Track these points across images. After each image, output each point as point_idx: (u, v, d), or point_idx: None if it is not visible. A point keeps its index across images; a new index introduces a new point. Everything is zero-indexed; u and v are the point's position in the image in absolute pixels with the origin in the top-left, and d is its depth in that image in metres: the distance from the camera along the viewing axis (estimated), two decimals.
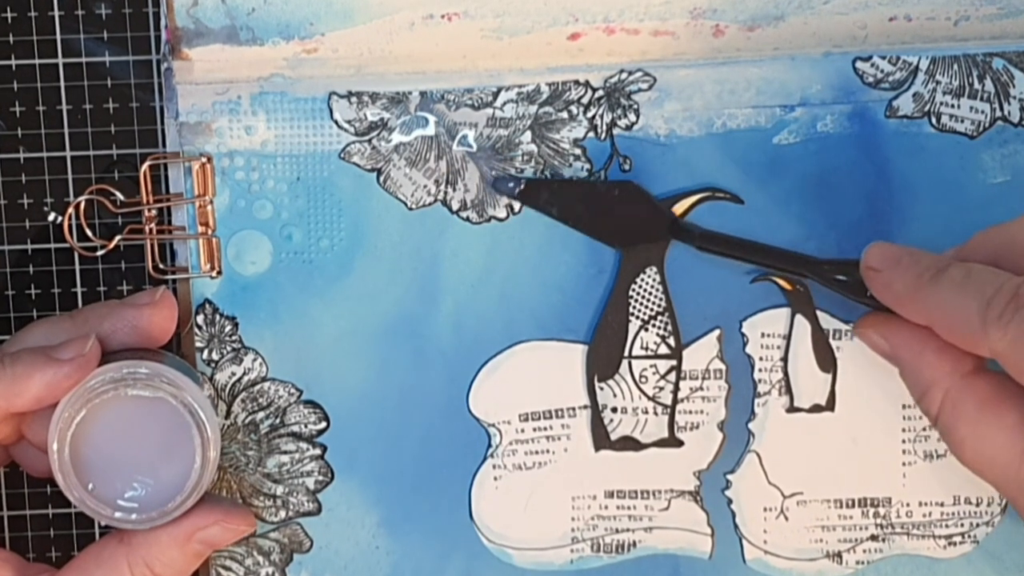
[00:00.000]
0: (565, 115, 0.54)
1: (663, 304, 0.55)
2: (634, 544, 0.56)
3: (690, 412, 0.55)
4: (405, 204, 0.54)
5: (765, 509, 0.56)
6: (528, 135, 0.54)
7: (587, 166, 0.54)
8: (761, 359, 0.55)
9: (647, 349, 0.55)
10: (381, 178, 0.54)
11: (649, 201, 0.53)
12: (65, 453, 0.48)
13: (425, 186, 0.54)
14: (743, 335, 0.55)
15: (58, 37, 0.55)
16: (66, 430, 0.48)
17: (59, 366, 0.48)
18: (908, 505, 0.56)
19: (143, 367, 0.49)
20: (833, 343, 0.55)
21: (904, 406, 0.55)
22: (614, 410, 0.55)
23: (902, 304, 0.49)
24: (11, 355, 0.49)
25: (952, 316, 0.47)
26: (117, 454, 0.49)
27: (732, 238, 0.53)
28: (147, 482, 0.49)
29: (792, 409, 0.55)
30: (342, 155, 0.54)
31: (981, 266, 0.47)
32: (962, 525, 0.56)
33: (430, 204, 0.54)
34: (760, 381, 0.55)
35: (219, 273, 0.54)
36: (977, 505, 0.55)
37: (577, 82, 0.54)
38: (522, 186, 0.53)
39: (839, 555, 0.56)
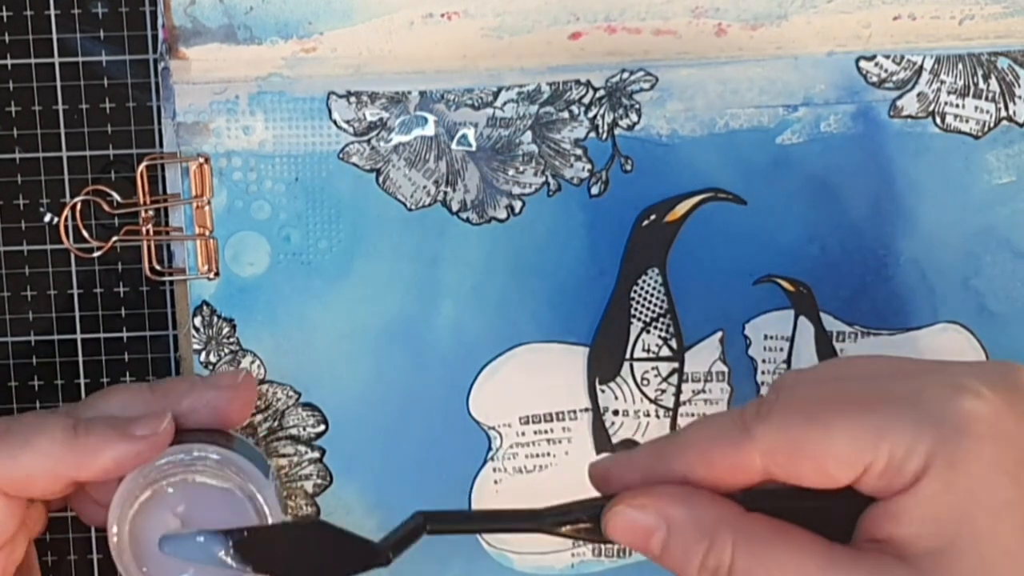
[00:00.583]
0: (566, 115, 0.54)
1: (665, 306, 0.55)
2: None
3: (692, 415, 0.55)
4: (404, 205, 0.54)
5: None
6: (529, 135, 0.54)
7: (588, 166, 0.54)
8: (764, 361, 0.55)
9: (649, 351, 0.55)
10: (380, 179, 0.54)
11: (342, 535, 0.46)
12: (125, 532, 0.48)
13: (424, 187, 0.54)
14: (746, 337, 0.55)
15: (54, 36, 0.55)
16: (128, 508, 0.48)
17: (132, 442, 0.48)
18: None
19: (214, 452, 0.48)
20: (836, 345, 0.55)
21: None
22: (615, 413, 0.55)
23: (652, 472, 0.43)
24: (85, 424, 0.48)
25: (707, 445, 0.42)
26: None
27: (459, 513, 0.49)
28: (203, 571, 0.48)
29: None
30: (341, 155, 0.54)
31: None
32: None
33: (430, 205, 0.54)
34: (763, 384, 0.55)
35: (217, 274, 0.54)
36: None
37: (578, 82, 0.54)
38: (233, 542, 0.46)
39: None
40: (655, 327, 0.55)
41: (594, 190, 0.54)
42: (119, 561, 0.48)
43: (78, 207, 0.54)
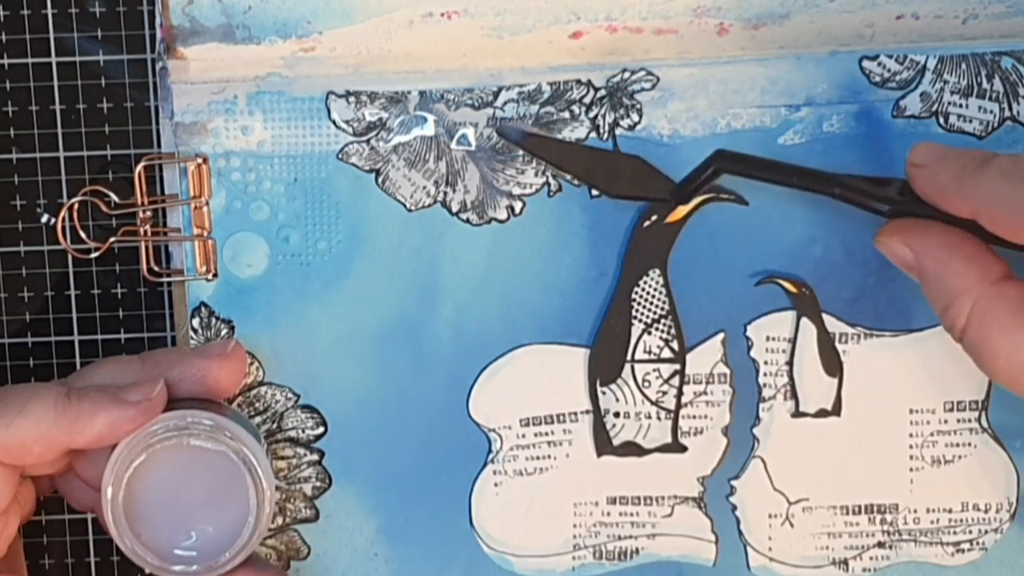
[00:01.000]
0: (567, 115, 0.54)
1: (666, 307, 0.55)
2: (637, 551, 0.56)
3: (694, 417, 0.55)
4: (404, 205, 0.54)
5: (770, 516, 0.56)
6: None
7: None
8: (766, 363, 0.55)
9: (650, 353, 0.55)
10: (380, 179, 0.54)
11: (655, 172, 0.52)
12: (119, 497, 0.48)
13: (424, 187, 0.54)
14: (748, 339, 0.55)
15: (51, 35, 0.55)
16: (123, 473, 0.48)
17: (125, 408, 0.48)
18: (915, 512, 0.55)
19: (206, 418, 0.49)
20: (839, 347, 0.55)
21: (911, 411, 0.55)
22: (616, 415, 0.55)
23: (946, 197, 0.47)
24: (78, 391, 0.49)
25: (998, 203, 0.45)
26: (171, 503, 0.49)
27: (757, 158, 0.51)
28: (199, 533, 0.49)
29: (797, 414, 0.55)
30: (340, 156, 0.54)
31: None
32: (970, 532, 0.55)
33: (429, 205, 0.54)
34: (765, 385, 0.55)
35: (215, 276, 0.54)
36: (985, 512, 0.55)
37: (579, 81, 0.53)
38: (524, 136, 0.52)
39: (845, 562, 0.56)
40: (656, 328, 0.55)
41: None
42: (114, 525, 0.48)
43: (75, 208, 0.54)
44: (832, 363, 0.55)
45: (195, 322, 0.54)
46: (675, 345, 0.55)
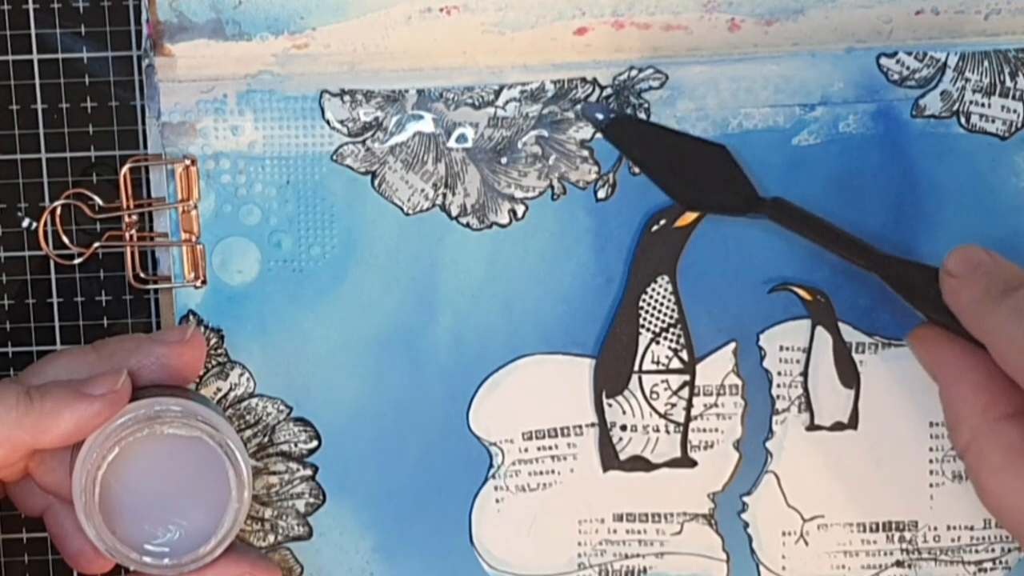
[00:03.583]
0: (571, 115, 0.53)
1: (675, 315, 0.54)
2: (645, 570, 0.55)
3: (704, 430, 0.55)
4: (401, 209, 0.54)
5: (784, 533, 0.55)
6: (532, 136, 0.54)
7: (595, 169, 0.54)
8: (779, 374, 0.55)
9: (658, 363, 0.54)
10: (376, 181, 0.54)
11: (735, 170, 0.52)
12: (95, 496, 0.48)
13: (422, 190, 0.54)
14: (760, 348, 0.54)
15: (32, 32, 0.54)
16: (95, 471, 0.48)
17: (90, 402, 0.48)
18: (936, 529, 0.55)
19: (175, 404, 0.49)
20: (856, 357, 0.54)
21: (931, 424, 0.55)
22: (623, 428, 0.55)
23: (963, 316, 0.48)
24: (39, 389, 0.49)
25: (1004, 343, 0.46)
26: (148, 496, 0.49)
27: (810, 216, 0.52)
28: (179, 525, 0.49)
29: (812, 427, 0.55)
30: (334, 157, 0.53)
31: None
32: (993, 550, 0.55)
33: (428, 209, 0.54)
34: (778, 397, 0.55)
35: (203, 282, 0.54)
36: None
37: (584, 80, 0.53)
38: (611, 117, 0.52)
39: None
40: (665, 338, 0.54)
41: (601, 193, 0.54)
42: (91, 528, 0.49)
43: (58, 211, 0.54)
44: (849, 374, 0.54)
45: None
46: (684, 355, 0.54)
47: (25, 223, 0.55)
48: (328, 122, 0.53)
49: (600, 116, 0.52)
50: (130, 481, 0.49)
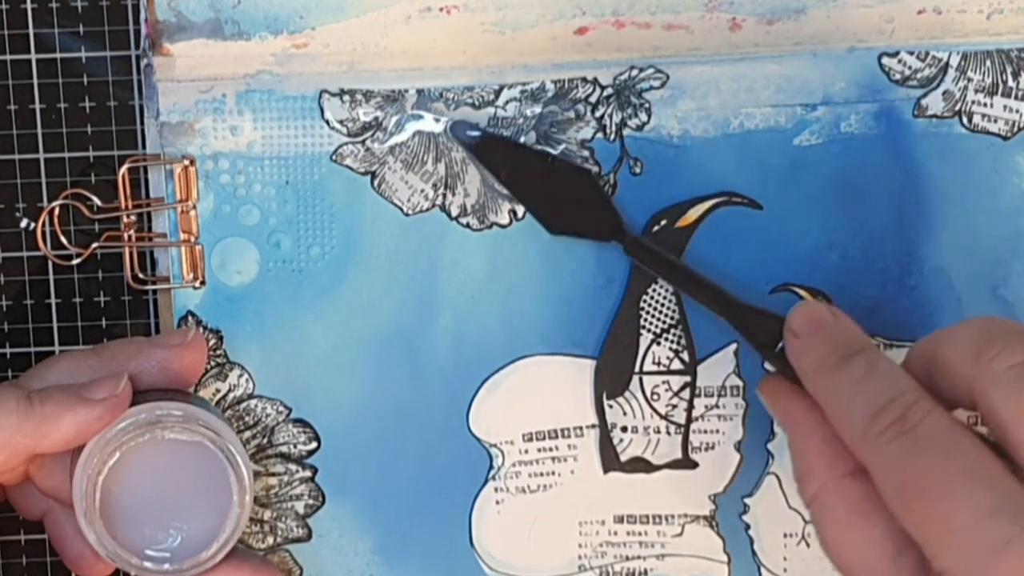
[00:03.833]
0: (572, 115, 0.53)
1: (676, 316, 0.54)
2: (645, 572, 0.55)
3: (705, 431, 0.55)
4: (401, 209, 0.53)
5: (785, 535, 0.55)
6: (532, 136, 0.53)
7: (595, 168, 0.54)
8: None
9: (659, 364, 0.54)
10: (375, 182, 0.53)
11: (601, 198, 0.52)
12: (95, 500, 0.48)
13: (422, 190, 0.53)
14: None
15: (31, 31, 0.54)
16: (96, 475, 0.48)
17: (91, 407, 0.48)
18: None
19: (176, 408, 0.49)
20: None
21: None
22: (624, 429, 0.54)
23: (803, 378, 0.48)
24: (39, 393, 0.49)
25: (839, 412, 0.46)
26: (149, 501, 0.49)
27: (664, 257, 0.52)
28: (180, 529, 0.49)
29: None
30: (334, 157, 0.53)
31: (888, 364, 0.46)
32: None
33: (428, 210, 0.53)
34: None
35: (202, 283, 0.54)
36: None
37: (585, 79, 0.53)
38: (479, 137, 0.52)
39: None
40: (666, 339, 0.54)
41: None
42: (92, 533, 0.48)
43: (56, 212, 0.54)
44: None
45: None
46: (685, 356, 0.54)
47: (23, 224, 0.55)
48: (327, 122, 0.53)
49: (469, 135, 0.52)
50: (131, 486, 0.49)
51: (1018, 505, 0.41)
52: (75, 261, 0.54)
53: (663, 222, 0.53)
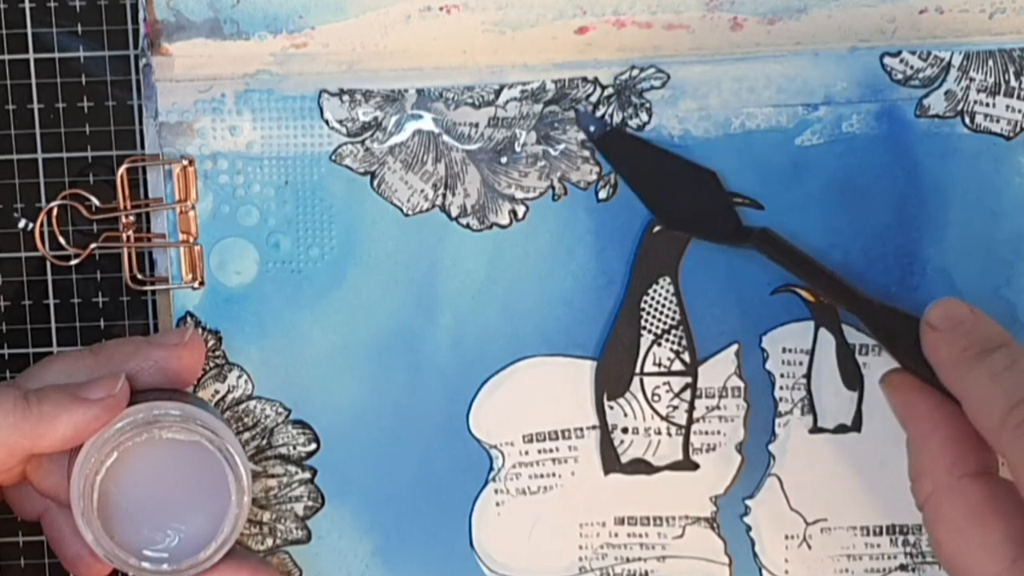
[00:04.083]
0: (572, 115, 0.53)
1: (677, 317, 0.54)
2: (646, 574, 0.55)
3: (706, 433, 0.55)
4: (401, 210, 0.53)
5: (787, 537, 0.55)
6: (532, 136, 0.53)
7: (596, 169, 0.54)
8: (782, 376, 0.54)
9: (660, 365, 0.54)
10: (375, 182, 0.53)
11: (723, 198, 0.52)
12: (93, 501, 0.48)
13: (422, 190, 0.53)
14: (763, 350, 0.54)
15: (29, 31, 0.54)
16: (93, 475, 0.48)
17: (88, 407, 0.48)
18: None
19: (173, 408, 0.49)
20: (860, 359, 0.54)
21: None
22: (625, 431, 0.54)
23: (940, 370, 0.48)
24: (36, 393, 0.48)
25: (977, 404, 0.46)
26: (147, 501, 0.49)
27: (796, 250, 0.52)
28: (178, 530, 0.49)
29: (816, 430, 0.55)
30: (333, 157, 0.53)
31: None
32: None
33: (427, 210, 0.53)
34: (781, 400, 0.54)
35: (201, 284, 0.53)
36: None
37: (585, 79, 0.53)
38: (605, 131, 0.52)
39: None
40: (667, 340, 0.54)
41: (602, 194, 0.53)
42: (90, 533, 0.48)
43: (54, 212, 0.54)
44: (852, 376, 0.54)
45: None
46: (686, 357, 0.54)
47: (21, 224, 0.55)
48: (327, 122, 0.53)
49: (593, 128, 0.52)
50: (129, 486, 0.48)
51: None
52: (73, 262, 0.54)
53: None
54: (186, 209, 0.53)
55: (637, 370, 0.54)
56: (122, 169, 0.53)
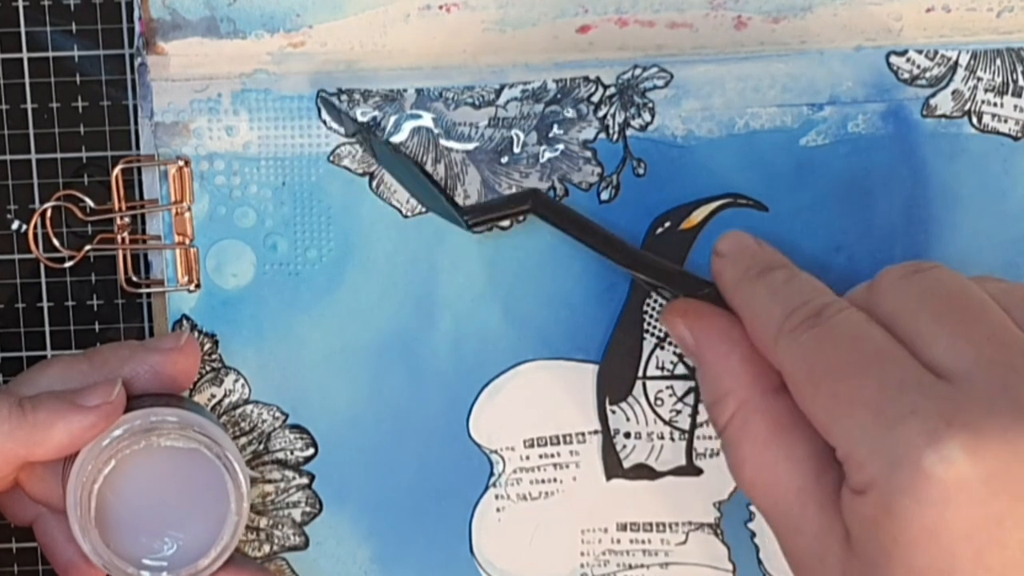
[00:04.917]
0: (574, 114, 0.53)
1: None
2: None
3: (710, 438, 0.54)
4: (400, 211, 0.53)
5: None
6: (533, 136, 0.53)
7: (598, 170, 0.53)
8: None
9: (663, 369, 0.54)
10: (374, 183, 0.53)
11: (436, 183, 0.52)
12: (91, 510, 0.48)
13: None
14: None
15: (22, 29, 0.54)
16: (91, 484, 0.48)
17: (85, 414, 0.48)
18: None
19: (171, 415, 0.49)
20: None
21: None
22: (627, 435, 0.54)
23: (725, 292, 0.49)
24: (31, 400, 0.48)
25: (757, 319, 0.47)
26: (145, 509, 0.49)
27: (569, 210, 0.51)
28: (176, 538, 0.49)
29: None
30: (331, 158, 0.53)
31: (808, 275, 0.47)
32: None
33: (427, 211, 0.53)
34: None
35: (197, 286, 0.53)
36: None
37: (587, 79, 0.53)
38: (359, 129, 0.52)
39: None
40: (669, 343, 0.54)
41: (604, 195, 0.53)
42: (87, 543, 0.48)
43: (48, 214, 0.54)
44: None
45: None
46: (689, 361, 0.54)
47: (14, 225, 0.54)
48: (325, 122, 0.53)
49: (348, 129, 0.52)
50: (126, 494, 0.48)
51: (924, 381, 0.41)
52: (67, 264, 0.54)
53: (667, 224, 0.53)
54: (182, 210, 0.53)
55: (640, 374, 0.54)
56: (117, 170, 0.53)
